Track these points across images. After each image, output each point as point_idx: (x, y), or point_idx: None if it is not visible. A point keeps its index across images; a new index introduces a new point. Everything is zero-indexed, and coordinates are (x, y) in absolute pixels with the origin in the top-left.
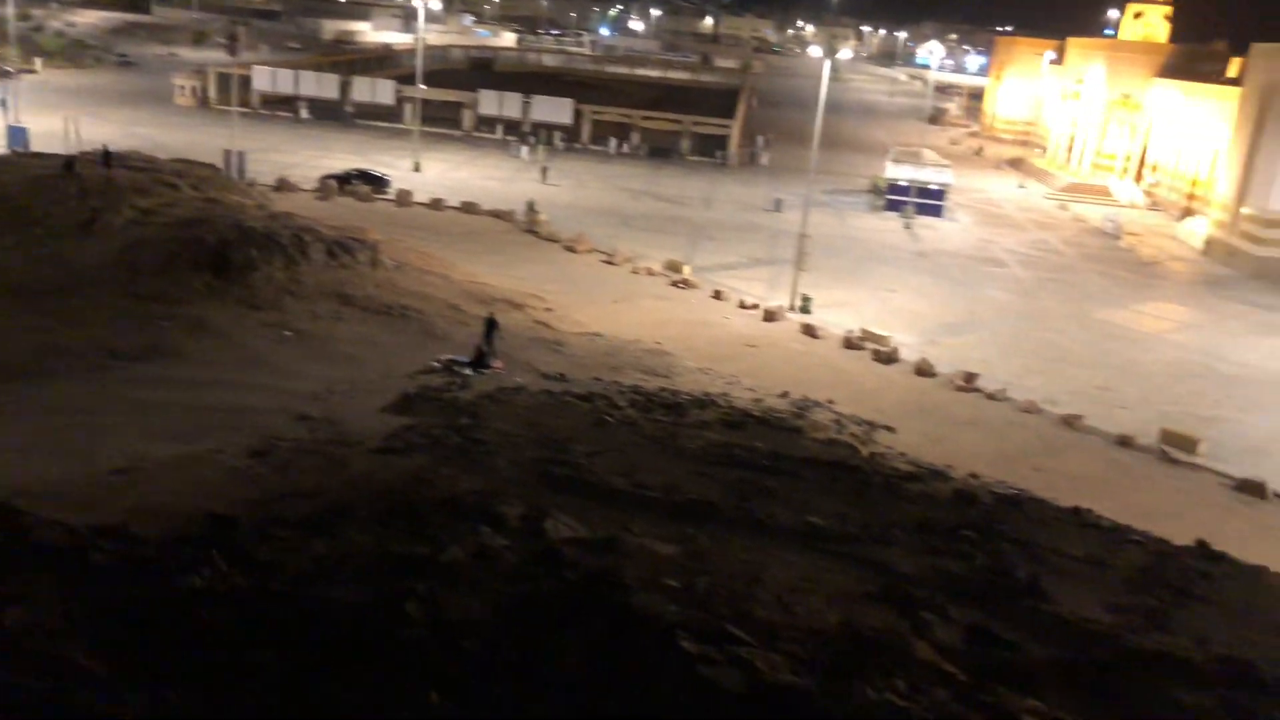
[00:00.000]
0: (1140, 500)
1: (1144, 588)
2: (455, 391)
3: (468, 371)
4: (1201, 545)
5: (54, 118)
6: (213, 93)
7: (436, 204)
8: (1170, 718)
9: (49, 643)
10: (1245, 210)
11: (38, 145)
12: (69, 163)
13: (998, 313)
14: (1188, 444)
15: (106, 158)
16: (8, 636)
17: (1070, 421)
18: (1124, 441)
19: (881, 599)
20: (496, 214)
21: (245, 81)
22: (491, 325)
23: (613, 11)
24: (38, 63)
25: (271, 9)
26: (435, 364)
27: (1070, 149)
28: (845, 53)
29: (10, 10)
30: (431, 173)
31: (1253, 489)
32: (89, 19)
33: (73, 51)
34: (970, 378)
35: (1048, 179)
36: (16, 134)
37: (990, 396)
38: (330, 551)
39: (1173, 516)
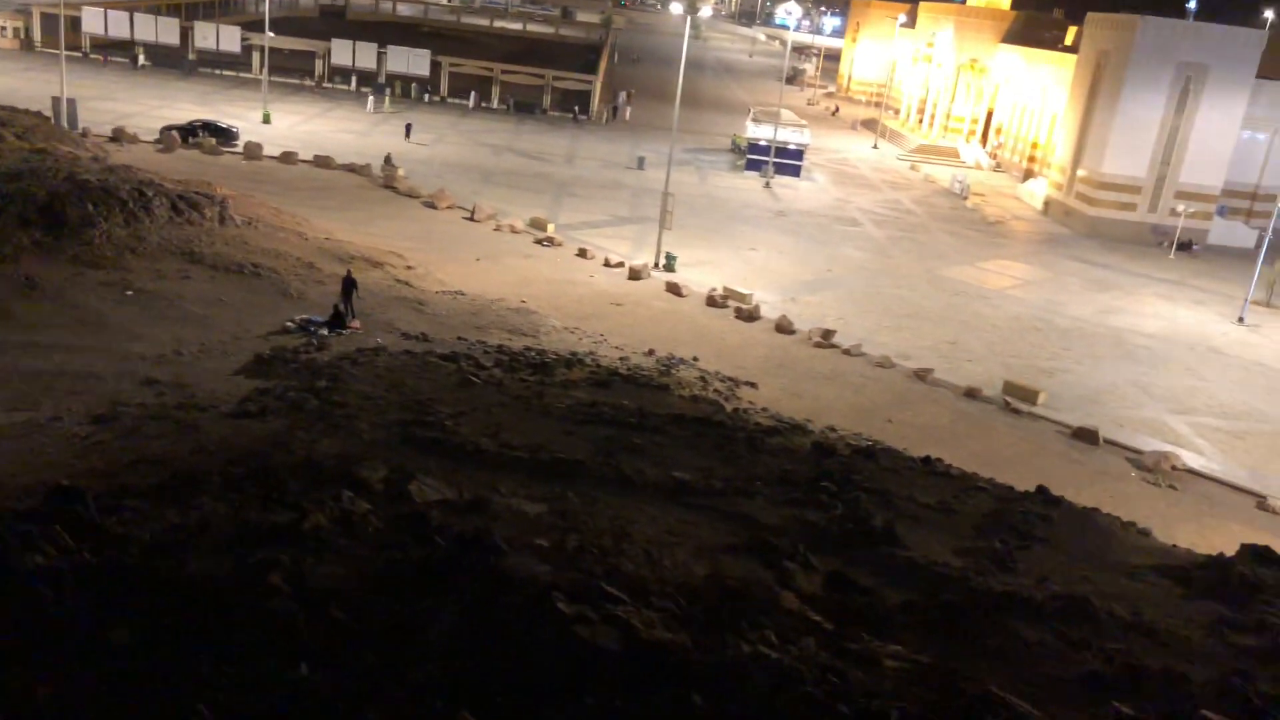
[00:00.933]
0: (985, 449)
1: (990, 532)
2: (312, 353)
3: (325, 332)
4: (1041, 490)
5: None
6: (38, 34)
7: (288, 158)
8: (1014, 652)
9: None
10: (1080, 172)
11: None
12: None
13: (853, 271)
14: (1028, 395)
15: None
16: None
17: (921, 375)
18: (971, 393)
19: (746, 550)
20: (352, 168)
21: (75, 23)
22: (349, 284)
23: None
24: None
25: None
26: (290, 324)
27: (921, 111)
28: (706, 11)
29: None
30: (282, 125)
31: (1086, 436)
32: None
33: None
34: (828, 334)
35: (900, 140)
36: None
37: (846, 352)
38: (185, 521)
39: (1015, 464)
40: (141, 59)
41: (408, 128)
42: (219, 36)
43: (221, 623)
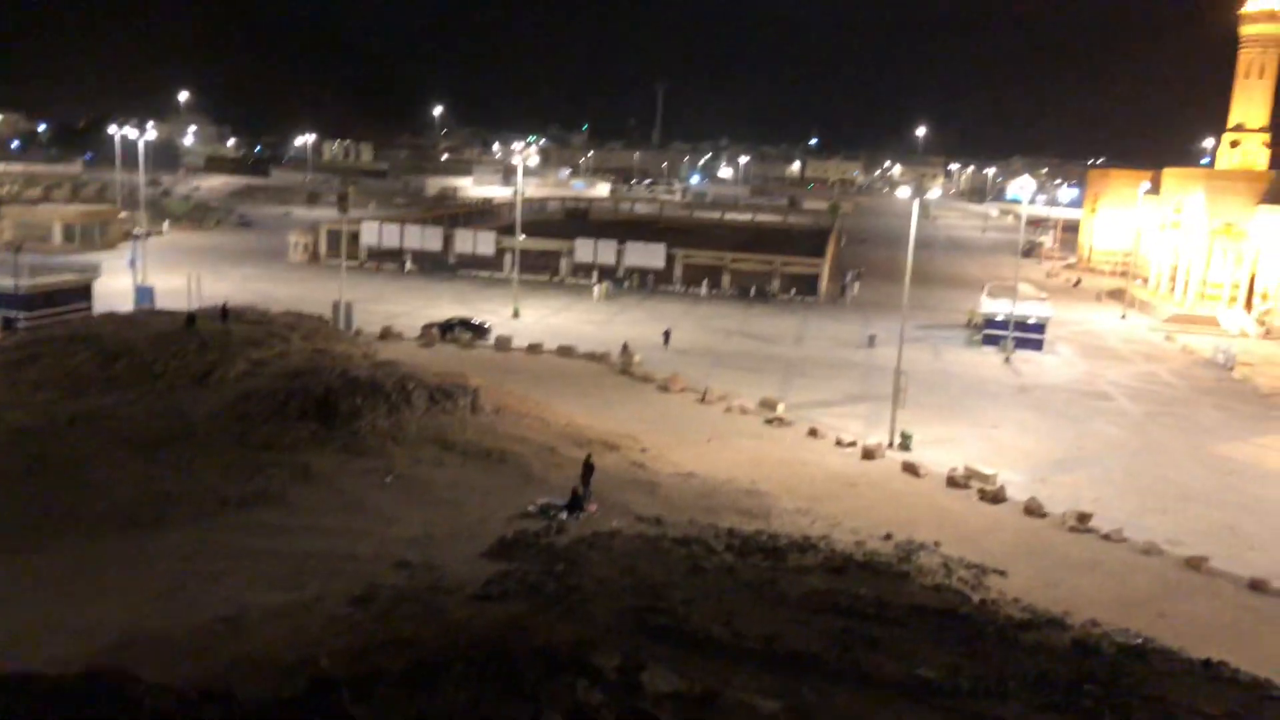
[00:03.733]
0: None
1: None
2: (551, 536)
3: (564, 515)
4: None
5: (178, 276)
6: (323, 248)
7: (535, 349)
8: None
9: None
10: None
11: (163, 302)
12: (190, 319)
13: (1108, 448)
14: None
15: (224, 313)
16: None
17: (1195, 564)
18: (1256, 585)
19: None
20: (592, 356)
21: (354, 236)
22: (588, 469)
23: (702, 160)
24: (165, 225)
25: (379, 169)
26: (531, 508)
27: (1173, 279)
28: (934, 191)
29: (141, 177)
30: (530, 318)
31: None
32: (213, 183)
33: (197, 214)
34: (1084, 517)
35: (1151, 310)
36: (143, 293)
37: (1106, 537)
38: (428, 711)
39: None
40: (408, 264)
41: (666, 334)
42: (476, 241)
43: None
